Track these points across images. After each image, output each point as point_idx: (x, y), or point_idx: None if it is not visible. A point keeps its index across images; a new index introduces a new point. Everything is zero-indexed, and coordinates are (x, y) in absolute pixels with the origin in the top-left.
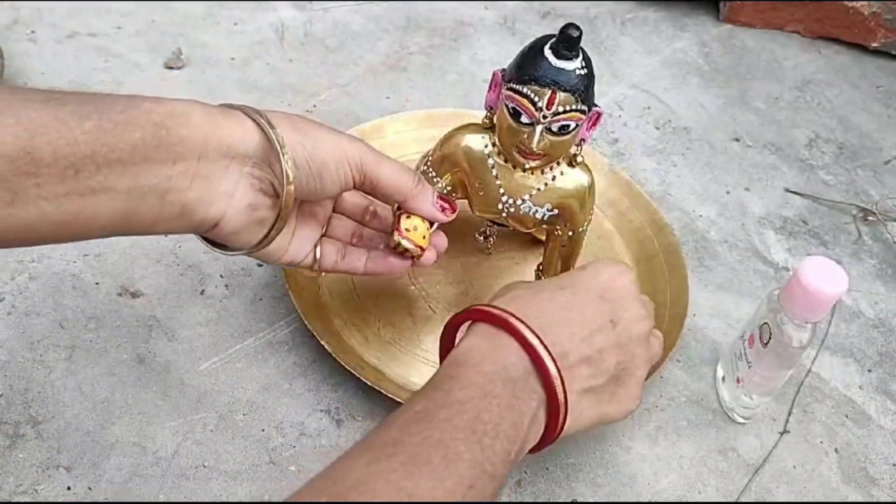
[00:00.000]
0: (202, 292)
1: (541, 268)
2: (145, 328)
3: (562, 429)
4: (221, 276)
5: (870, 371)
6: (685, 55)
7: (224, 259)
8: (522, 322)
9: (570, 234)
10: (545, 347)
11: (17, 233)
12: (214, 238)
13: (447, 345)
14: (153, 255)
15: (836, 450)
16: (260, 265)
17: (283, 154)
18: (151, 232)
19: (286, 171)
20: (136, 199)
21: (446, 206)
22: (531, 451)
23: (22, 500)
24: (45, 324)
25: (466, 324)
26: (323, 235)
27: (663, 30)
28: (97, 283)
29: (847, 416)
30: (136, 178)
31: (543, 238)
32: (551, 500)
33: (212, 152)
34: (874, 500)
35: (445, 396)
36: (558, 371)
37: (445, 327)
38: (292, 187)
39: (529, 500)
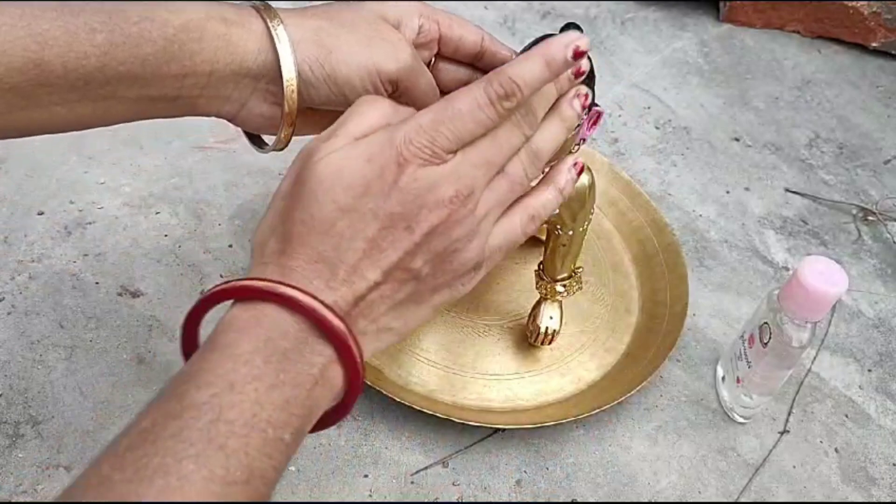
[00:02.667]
0: (202, 292)
1: (541, 267)
2: (145, 328)
3: (363, 372)
4: (221, 276)
5: (870, 371)
6: (685, 55)
7: (224, 259)
8: (282, 283)
9: (571, 233)
10: (323, 304)
11: (35, 129)
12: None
13: (190, 342)
14: (153, 255)
15: (836, 450)
16: None
17: (287, 87)
18: (166, 118)
19: (287, 105)
20: (146, 104)
21: None
22: (340, 409)
23: (22, 500)
24: (45, 324)
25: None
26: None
27: (663, 30)
28: (97, 283)
29: (847, 416)
30: (145, 88)
31: (543, 238)
32: (551, 500)
33: (223, 69)
34: (874, 500)
35: (177, 403)
36: (345, 325)
37: (187, 319)
38: (294, 115)
39: (529, 500)
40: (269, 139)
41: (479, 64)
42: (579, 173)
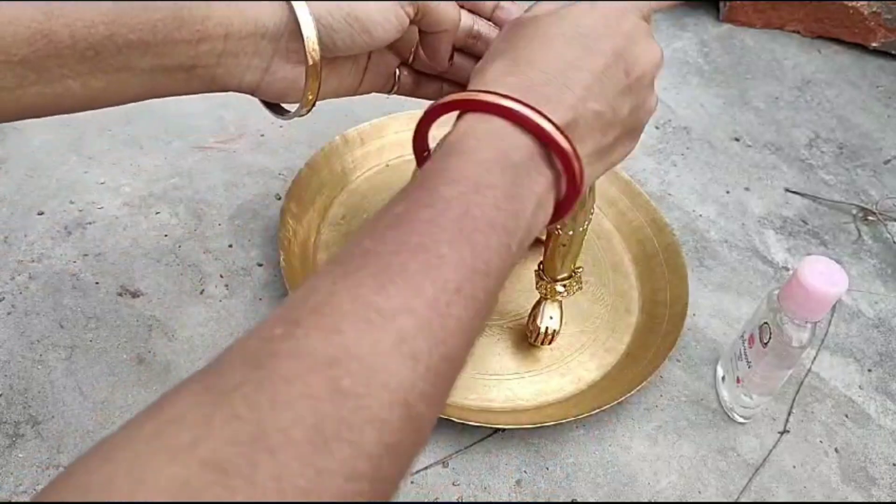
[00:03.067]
0: (202, 292)
1: (541, 267)
2: (145, 328)
3: (575, 200)
4: (221, 276)
5: (870, 371)
6: (685, 55)
7: (224, 259)
8: (523, 103)
9: (571, 233)
10: (555, 125)
11: (49, 107)
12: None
13: (422, 143)
14: (153, 255)
15: (836, 450)
16: (260, 265)
17: (307, 38)
18: (186, 94)
19: (311, 57)
20: (162, 75)
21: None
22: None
23: (22, 501)
24: (45, 324)
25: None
26: (405, 63)
27: (663, 30)
28: (97, 283)
29: (847, 416)
30: (159, 57)
31: (543, 238)
32: (551, 500)
33: (238, 31)
34: (874, 500)
35: (429, 194)
36: (572, 147)
37: (420, 123)
38: (318, 67)
39: (529, 500)
40: (289, 107)
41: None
42: None
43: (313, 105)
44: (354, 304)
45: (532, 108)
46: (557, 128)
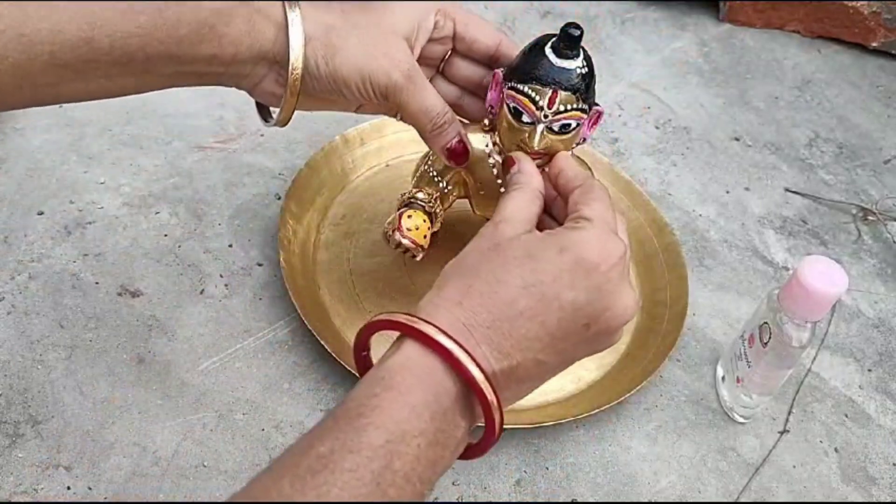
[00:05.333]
0: (202, 292)
1: None
2: (145, 328)
3: (490, 447)
4: (221, 276)
5: (870, 371)
6: (685, 55)
7: (224, 259)
8: (460, 346)
9: None
10: (484, 374)
11: (80, 98)
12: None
13: (362, 347)
14: (153, 255)
15: (835, 449)
16: (260, 265)
17: (291, 78)
18: (194, 86)
19: (289, 91)
20: (178, 78)
21: (457, 155)
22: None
23: (22, 500)
24: (45, 323)
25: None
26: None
27: (663, 29)
28: (97, 283)
29: (847, 416)
30: (179, 66)
31: None
32: (551, 500)
33: (245, 52)
34: (874, 499)
35: (356, 437)
36: (497, 399)
37: (361, 332)
38: (293, 104)
39: (529, 500)
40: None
41: (495, 66)
42: None
43: (286, 123)
44: None
45: (467, 353)
46: (486, 377)
